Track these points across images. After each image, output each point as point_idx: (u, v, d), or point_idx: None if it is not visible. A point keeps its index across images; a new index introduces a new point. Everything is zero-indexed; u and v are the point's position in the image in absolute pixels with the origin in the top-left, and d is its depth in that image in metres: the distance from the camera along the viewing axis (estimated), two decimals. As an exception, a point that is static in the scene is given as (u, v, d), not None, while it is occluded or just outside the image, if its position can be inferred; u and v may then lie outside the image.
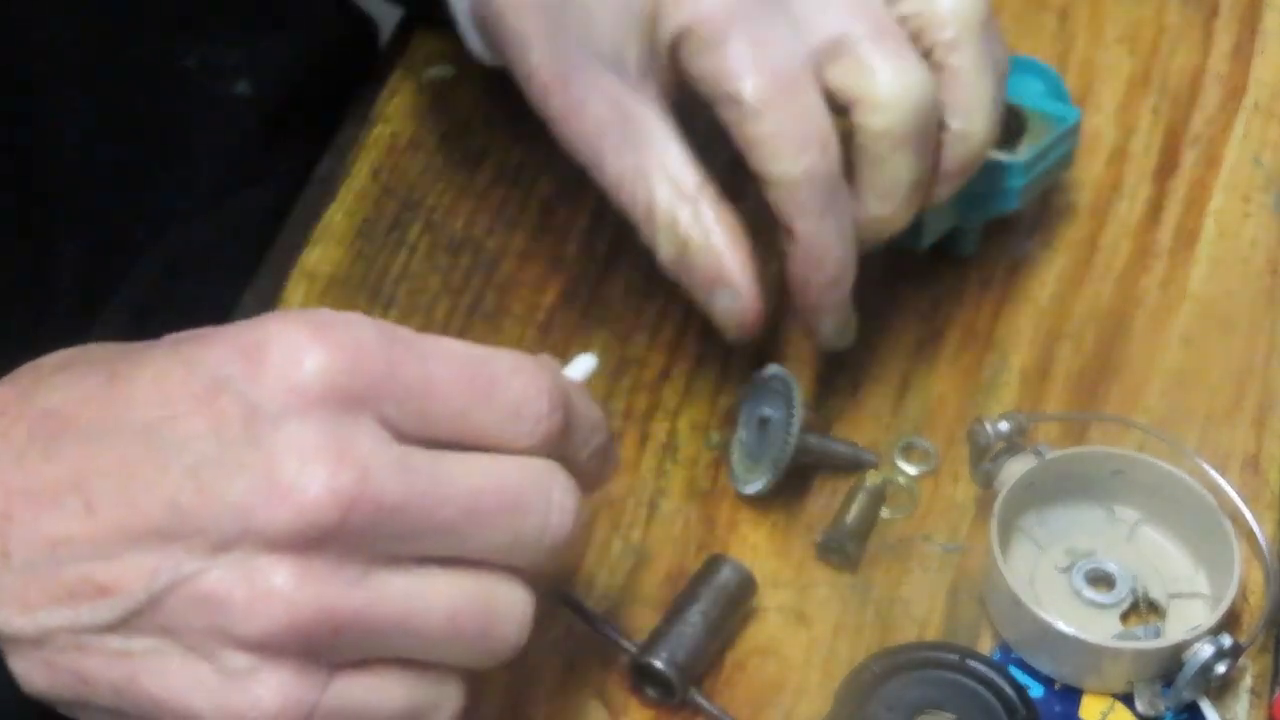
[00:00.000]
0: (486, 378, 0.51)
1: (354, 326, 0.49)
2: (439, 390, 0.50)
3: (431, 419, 0.50)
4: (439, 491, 0.49)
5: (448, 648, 0.51)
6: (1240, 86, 0.84)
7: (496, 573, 0.52)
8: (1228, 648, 0.62)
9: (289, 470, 0.47)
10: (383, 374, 0.49)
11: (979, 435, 0.68)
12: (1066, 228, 0.79)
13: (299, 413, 0.48)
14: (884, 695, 0.62)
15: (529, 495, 0.51)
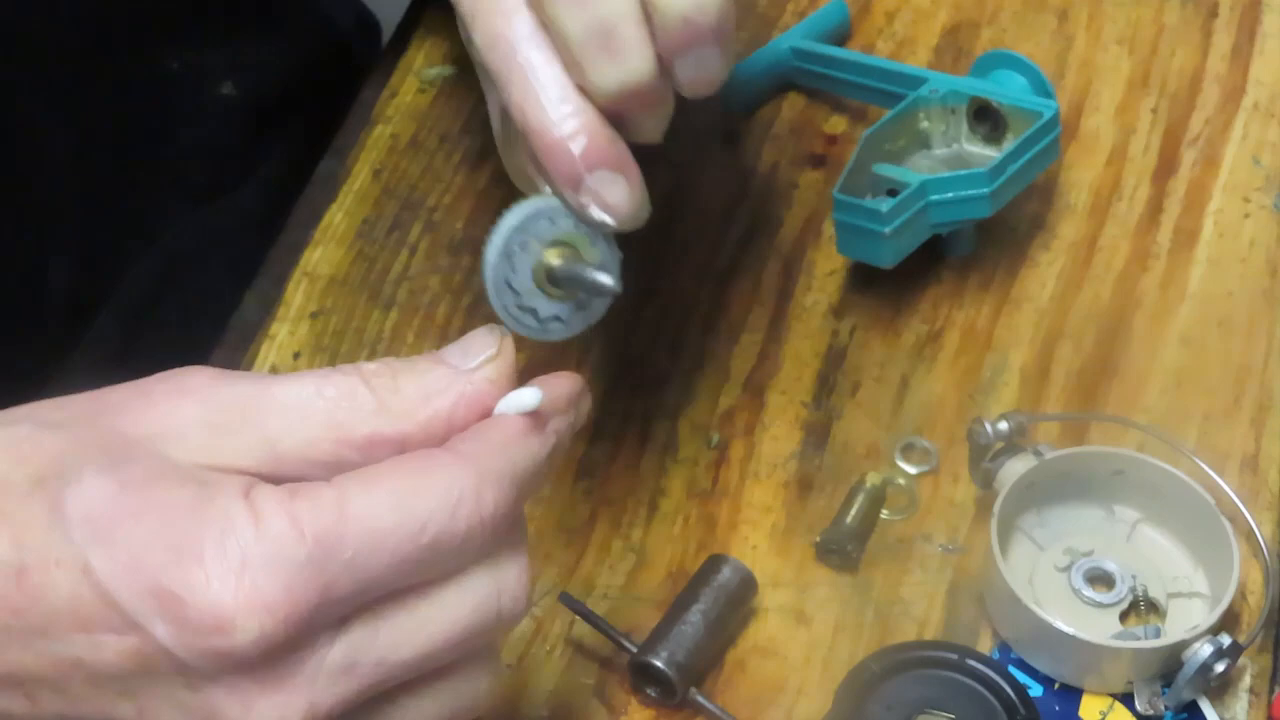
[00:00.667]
0: (424, 549, 0.48)
1: (279, 564, 0.46)
2: (377, 585, 0.48)
3: (374, 600, 0.49)
4: (387, 671, 0.49)
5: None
6: (1239, 87, 0.84)
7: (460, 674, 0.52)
8: (1227, 647, 0.62)
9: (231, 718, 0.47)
10: (314, 612, 0.47)
11: (979, 435, 0.68)
12: (1066, 228, 0.79)
13: (232, 670, 0.46)
14: (884, 694, 0.62)
15: (480, 621, 0.50)
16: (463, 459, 0.49)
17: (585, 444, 0.72)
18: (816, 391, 0.73)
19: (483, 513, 0.49)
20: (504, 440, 0.51)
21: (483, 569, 0.50)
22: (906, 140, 0.77)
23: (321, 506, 0.47)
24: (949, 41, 0.87)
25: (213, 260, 0.79)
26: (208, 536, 0.46)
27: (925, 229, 0.73)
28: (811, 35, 0.85)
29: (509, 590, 0.51)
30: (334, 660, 0.47)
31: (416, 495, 0.48)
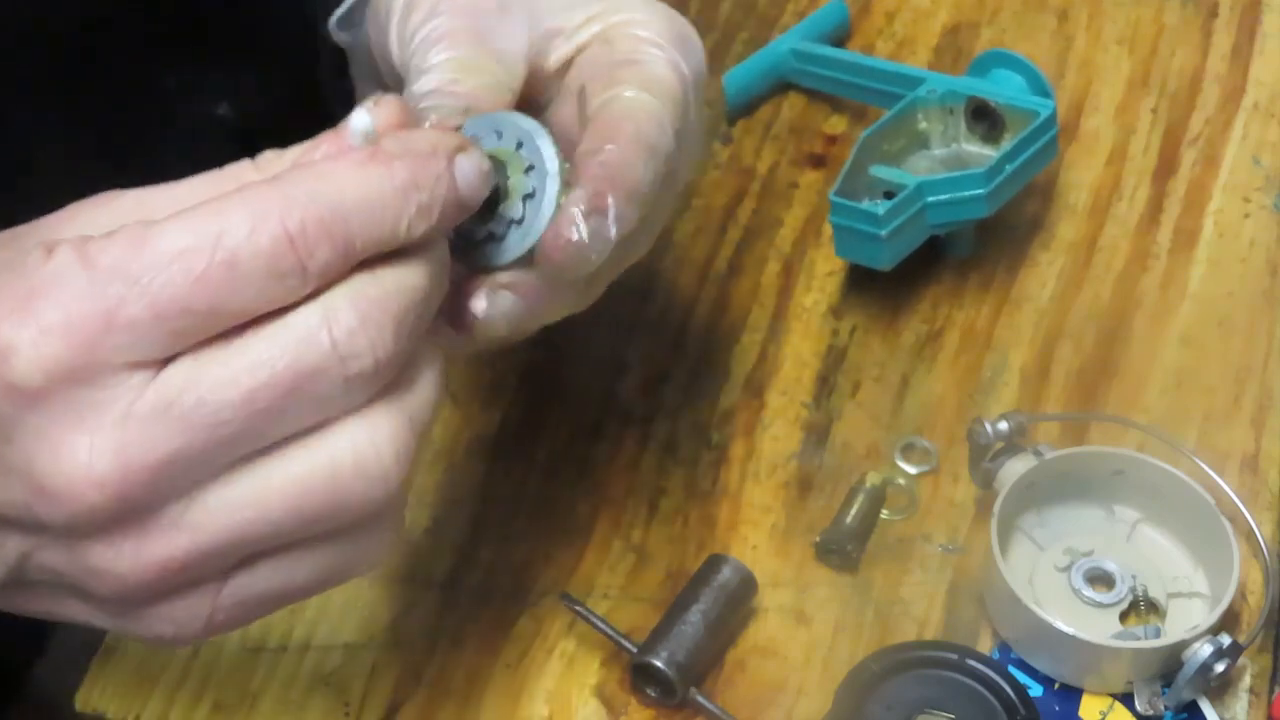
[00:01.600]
0: (221, 264, 0.45)
1: (57, 290, 0.45)
2: (173, 310, 0.45)
3: (183, 335, 0.46)
4: (206, 415, 0.45)
5: (314, 528, 0.48)
6: (1239, 87, 0.84)
7: (330, 428, 0.47)
8: (1227, 647, 0.62)
9: (45, 470, 0.45)
10: (101, 333, 0.45)
11: (979, 435, 0.68)
12: (1066, 228, 0.79)
13: (31, 407, 0.45)
14: (884, 694, 0.62)
15: (308, 362, 0.46)
16: (272, 180, 0.47)
17: (585, 444, 0.72)
18: (816, 391, 0.73)
19: (290, 229, 0.45)
20: (327, 165, 0.48)
21: (313, 317, 0.46)
22: (905, 141, 0.77)
23: (114, 237, 0.46)
24: (949, 41, 0.87)
25: None
26: (2, 281, 0.46)
27: (923, 230, 0.73)
28: (811, 35, 0.85)
29: (343, 341, 0.46)
30: (146, 398, 0.45)
31: (213, 213, 0.46)
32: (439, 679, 0.66)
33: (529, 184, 0.54)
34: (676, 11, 0.63)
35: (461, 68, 0.57)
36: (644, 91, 0.58)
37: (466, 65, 0.57)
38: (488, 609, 0.67)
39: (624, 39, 0.60)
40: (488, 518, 0.70)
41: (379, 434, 0.48)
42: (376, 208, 0.48)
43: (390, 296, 0.48)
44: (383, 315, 0.47)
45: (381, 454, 0.48)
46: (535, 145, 0.54)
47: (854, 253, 0.74)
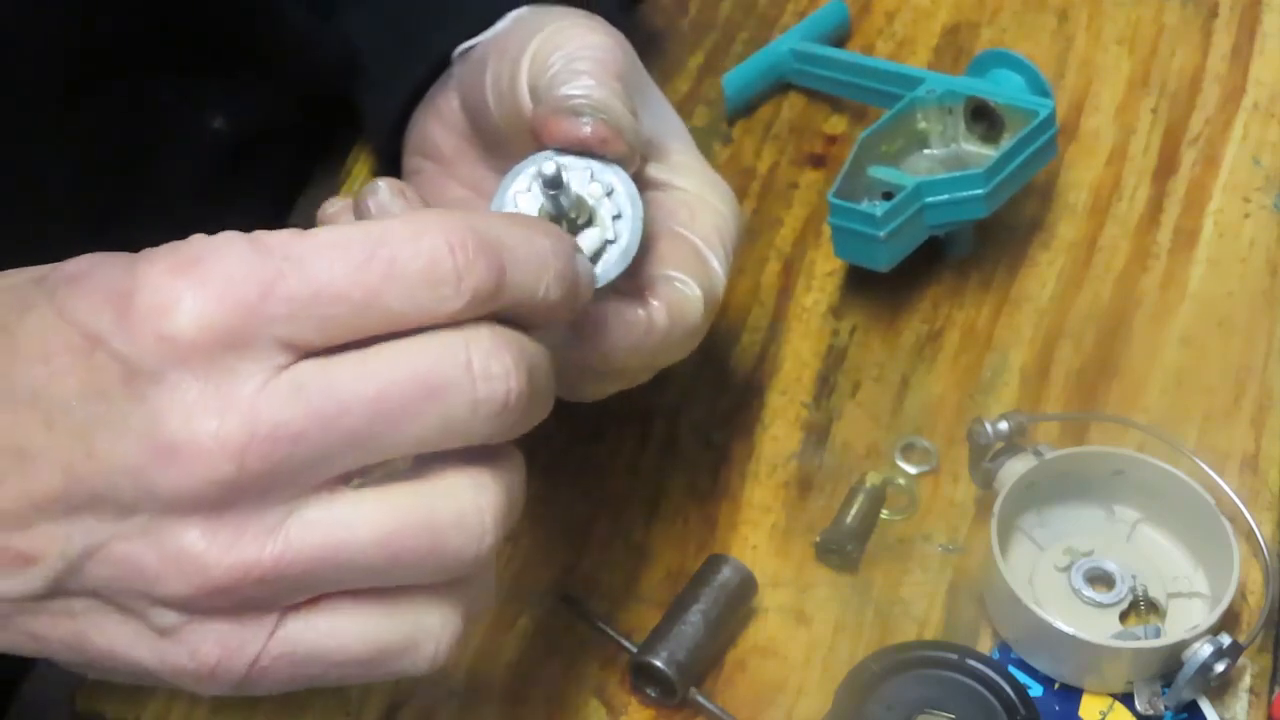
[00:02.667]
0: (382, 260, 0.46)
1: (222, 257, 0.46)
2: (328, 294, 0.46)
3: (332, 325, 0.46)
4: (336, 403, 0.46)
5: (394, 573, 0.48)
6: (1239, 87, 0.84)
7: (438, 476, 0.48)
8: (1227, 647, 0.62)
9: (173, 427, 0.45)
10: (258, 301, 0.46)
11: (979, 435, 0.68)
12: (1066, 228, 0.79)
13: (176, 363, 0.45)
14: (884, 694, 0.62)
15: (443, 373, 0.47)
16: (445, 210, 0.49)
17: (585, 444, 0.72)
18: (816, 391, 0.73)
19: (452, 240, 0.47)
20: (494, 215, 0.50)
21: (448, 335, 0.47)
22: (904, 141, 0.77)
23: (283, 232, 0.47)
24: (949, 41, 0.87)
25: None
26: (164, 249, 0.47)
27: (922, 231, 0.73)
28: (811, 35, 0.85)
29: (480, 370, 0.47)
30: (282, 377, 0.46)
31: (381, 224, 0.47)
32: (439, 679, 0.66)
33: (615, 230, 0.58)
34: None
35: (614, 96, 0.60)
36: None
37: (617, 98, 0.60)
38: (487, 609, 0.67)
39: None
40: (488, 518, 0.70)
41: (484, 493, 0.48)
42: (529, 252, 0.49)
43: (527, 344, 0.49)
44: (520, 353, 0.48)
45: (483, 513, 0.48)
46: (621, 191, 0.58)
47: (853, 254, 0.74)
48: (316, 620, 0.48)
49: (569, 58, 0.62)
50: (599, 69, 0.61)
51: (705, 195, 0.64)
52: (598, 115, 0.58)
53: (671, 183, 0.64)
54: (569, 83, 0.60)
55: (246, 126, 0.80)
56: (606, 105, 0.59)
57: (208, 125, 0.79)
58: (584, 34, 0.63)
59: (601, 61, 0.61)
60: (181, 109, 0.77)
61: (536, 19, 0.65)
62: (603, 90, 0.60)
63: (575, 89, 0.60)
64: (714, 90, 0.83)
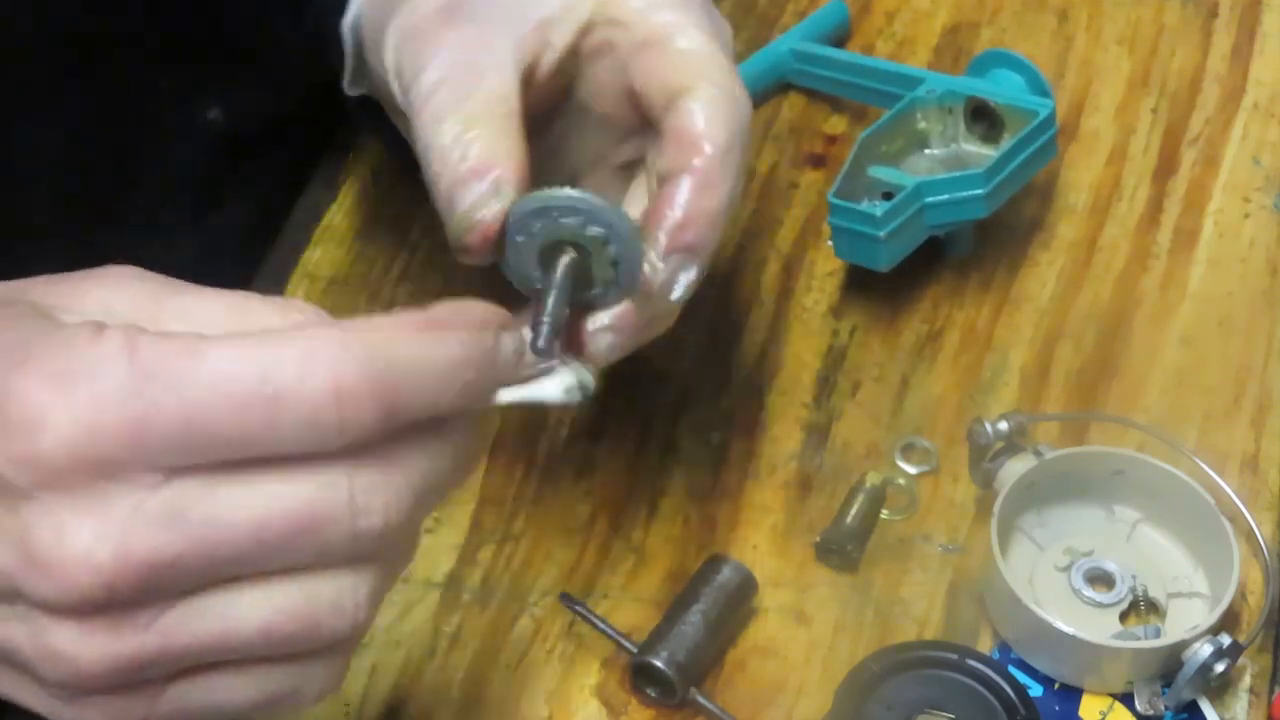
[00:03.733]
0: (264, 399, 0.45)
1: (98, 376, 0.45)
2: (207, 428, 0.45)
3: (207, 453, 0.46)
4: (213, 534, 0.46)
5: (273, 652, 0.48)
6: (1239, 87, 0.84)
7: (320, 571, 0.48)
8: (1227, 647, 0.62)
9: (44, 545, 0.45)
10: (132, 430, 0.45)
11: (979, 435, 0.68)
12: (1066, 228, 0.79)
13: (44, 485, 0.45)
14: (884, 694, 0.62)
15: (322, 508, 0.46)
16: (330, 326, 0.47)
17: (585, 444, 0.72)
18: (816, 391, 0.73)
19: (340, 384, 0.45)
20: (382, 324, 0.47)
21: (339, 467, 0.46)
22: (904, 141, 0.77)
23: (167, 341, 0.45)
24: (949, 41, 0.87)
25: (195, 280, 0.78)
26: (42, 348, 0.45)
27: (921, 231, 0.73)
28: (811, 36, 0.85)
29: (362, 505, 0.46)
30: (157, 501, 0.45)
31: (268, 348, 0.45)
32: (439, 679, 0.66)
33: (611, 252, 0.56)
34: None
35: (477, 135, 0.58)
36: (705, 94, 0.59)
37: (474, 123, 0.58)
38: (488, 609, 0.67)
39: (630, 13, 0.61)
40: (488, 518, 0.70)
41: (363, 585, 0.48)
42: (427, 378, 0.47)
43: (418, 466, 0.48)
44: (405, 482, 0.47)
45: (359, 600, 0.48)
46: (601, 216, 0.55)
47: (853, 254, 0.74)
48: (203, 681, 0.48)
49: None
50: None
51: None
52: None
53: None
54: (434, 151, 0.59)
55: (244, 120, 0.79)
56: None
57: (203, 117, 0.78)
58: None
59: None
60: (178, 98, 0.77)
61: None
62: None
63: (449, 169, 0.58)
64: (714, 90, 0.83)
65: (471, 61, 0.60)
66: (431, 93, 0.59)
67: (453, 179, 0.58)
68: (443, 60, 0.60)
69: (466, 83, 0.59)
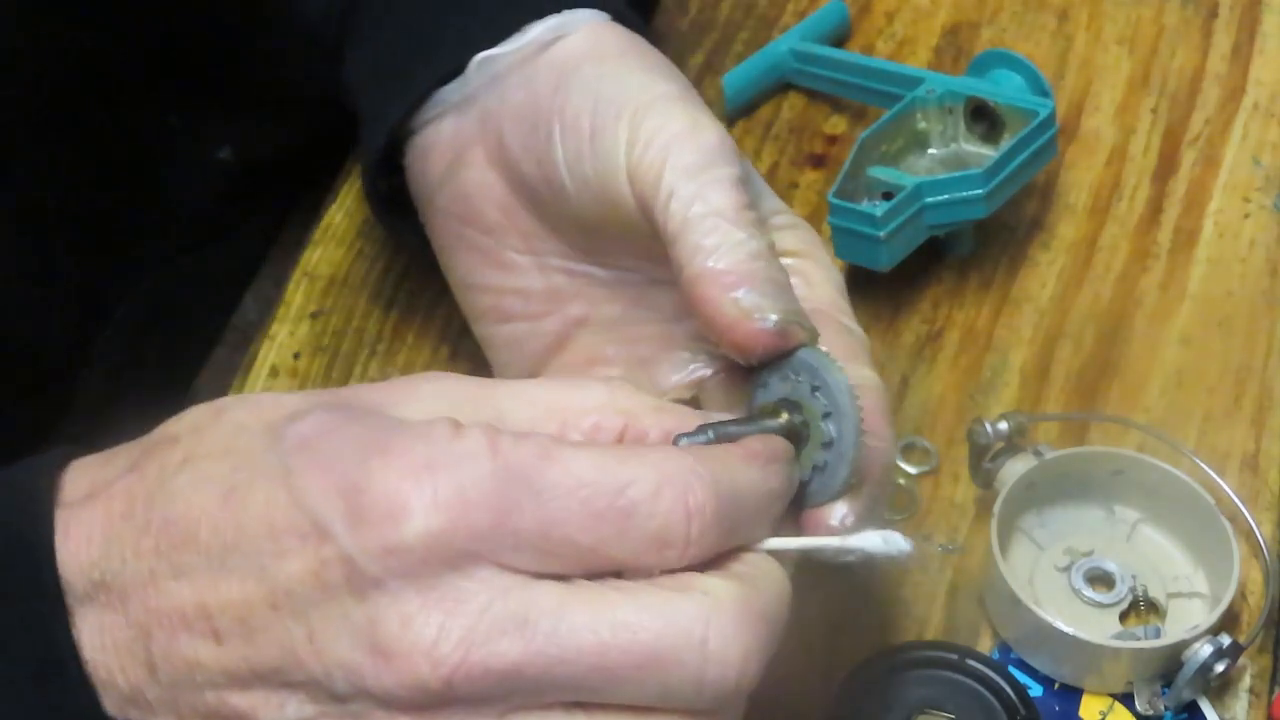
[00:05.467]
0: (619, 511, 0.46)
1: (463, 471, 0.45)
2: (561, 533, 0.46)
3: (556, 560, 0.46)
4: (558, 651, 0.45)
5: None
6: (1239, 87, 0.84)
7: (655, 715, 0.47)
8: (1227, 647, 0.62)
9: (390, 634, 0.45)
10: (491, 526, 0.45)
11: (979, 435, 0.68)
12: (1066, 228, 0.79)
13: (399, 574, 0.45)
14: (884, 694, 0.62)
15: (673, 647, 0.46)
16: (680, 450, 0.48)
17: (585, 444, 0.72)
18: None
19: (689, 504, 0.46)
20: (725, 452, 0.49)
21: (691, 609, 0.46)
22: (904, 141, 0.77)
23: (525, 441, 0.46)
24: (949, 41, 0.87)
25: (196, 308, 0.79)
26: (402, 441, 0.46)
27: (921, 231, 0.73)
28: (811, 36, 0.85)
29: (716, 654, 0.46)
30: (508, 605, 0.45)
31: (623, 462, 0.46)
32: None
33: (829, 430, 0.53)
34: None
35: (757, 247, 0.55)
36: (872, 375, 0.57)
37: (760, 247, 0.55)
38: None
39: (821, 281, 0.59)
40: (488, 518, 0.70)
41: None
42: (761, 507, 0.49)
43: (769, 605, 0.48)
44: (757, 635, 0.47)
45: None
46: (830, 389, 0.53)
47: (853, 254, 0.74)
48: None
49: (684, 172, 0.56)
50: (730, 199, 0.55)
51: (811, 251, 0.59)
52: (782, 316, 0.53)
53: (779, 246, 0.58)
54: (708, 236, 0.54)
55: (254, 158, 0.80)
56: (776, 287, 0.54)
57: (214, 155, 0.79)
58: (679, 122, 0.57)
59: (724, 182, 0.55)
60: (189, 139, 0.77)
61: (581, 70, 0.59)
62: (755, 248, 0.54)
63: (727, 258, 0.54)
64: (714, 90, 0.83)
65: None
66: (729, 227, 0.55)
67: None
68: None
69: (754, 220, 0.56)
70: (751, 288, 0.53)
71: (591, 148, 0.58)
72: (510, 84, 0.62)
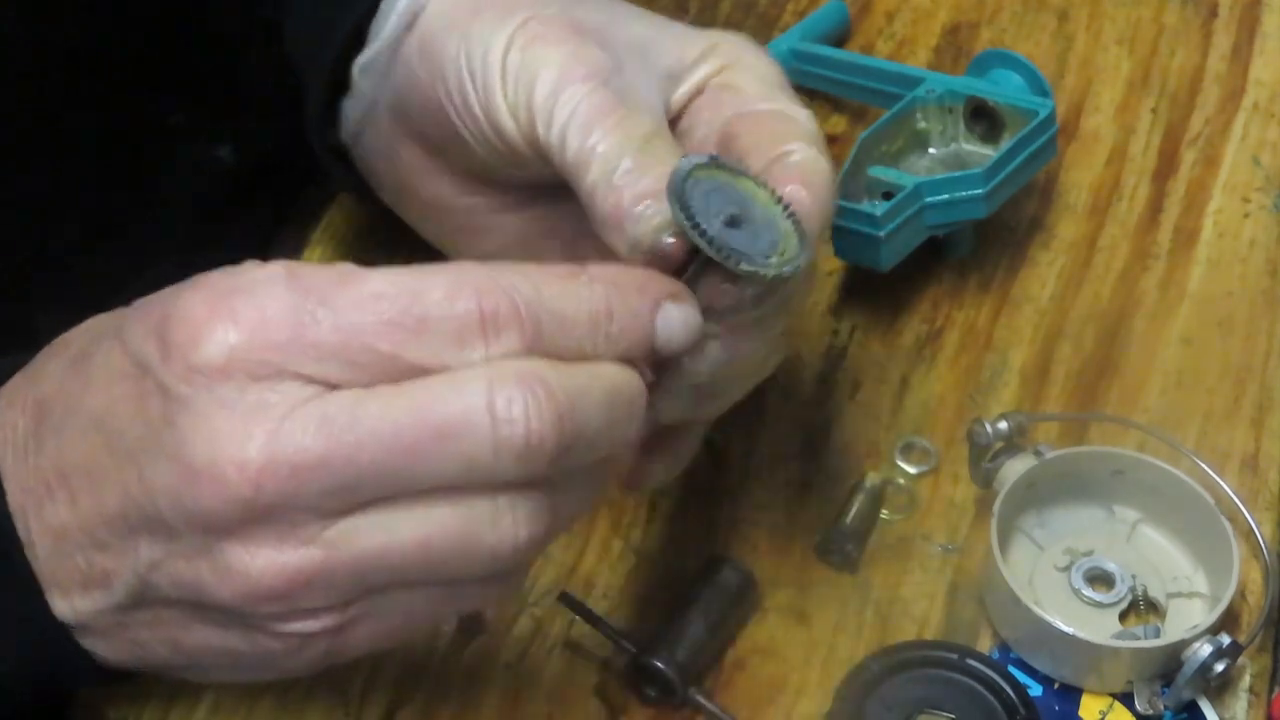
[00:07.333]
0: (414, 316, 0.48)
1: (258, 293, 0.48)
2: (360, 341, 0.48)
3: (361, 370, 0.48)
4: (355, 438, 0.48)
5: (433, 572, 0.50)
6: (1239, 87, 0.84)
7: (475, 494, 0.49)
8: (1226, 647, 0.62)
9: (197, 450, 0.48)
10: (289, 339, 0.48)
11: (979, 435, 0.68)
12: (1066, 228, 0.79)
13: (204, 390, 0.48)
14: (883, 694, 0.62)
15: (462, 412, 0.48)
16: (478, 262, 0.50)
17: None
18: (816, 391, 0.73)
19: (483, 308, 0.48)
20: (530, 269, 0.50)
21: (475, 374, 0.48)
22: (904, 141, 0.77)
23: (324, 268, 0.49)
24: (949, 41, 0.87)
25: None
26: (210, 277, 0.50)
27: (921, 231, 0.73)
28: (811, 36, 0.85)
29: (503, 414, 0.48)
30: (307, 409, 0.48)
31: (419, 275, 0.49)
32: (439, 679, 0.66)
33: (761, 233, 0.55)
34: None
35: (635, 152, 0.57)
36: (804, 152, 0.59)
37: (638, 147, 0.57)
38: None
39: (748, 83, 0.61)
40: (488, 518, 0.70)
41: (521, 504, 0.50)
42: (567, 320, 0.50)
43: (561, 387, 0.49)
44: (547, 397, 0.48)
45: (517, 518, 0.50)
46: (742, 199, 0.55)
47: (853, 254, 0.74)
48: (378, 604, 0.50)
49: (544, 107, 0.58)
50: (590, 114, 0.57)
51: (736, 58, 0.61)
52: (669, 230, 0.55)
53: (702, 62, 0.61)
54: (588, 173, 0.57)
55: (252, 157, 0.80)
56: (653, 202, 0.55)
57: (213, 154, 0.79)
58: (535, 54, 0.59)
59: (581, 102, 0.58)
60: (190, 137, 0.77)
61: (447, 38, 0.62)
62: (627, 166, 0.56)
63: (610, 200, 0.56)
64: (714, 90, 0.83)
65: (620, 89, 0.59)
66: (605, 112, 0.58)
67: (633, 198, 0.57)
68: (603, 82, 0.58)
69: (619, 105, 0.58)
70: (635, 222, 0.55)
71: (481, 105, 0.60)
72: (394, 75, 0.65)
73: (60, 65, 0.71)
